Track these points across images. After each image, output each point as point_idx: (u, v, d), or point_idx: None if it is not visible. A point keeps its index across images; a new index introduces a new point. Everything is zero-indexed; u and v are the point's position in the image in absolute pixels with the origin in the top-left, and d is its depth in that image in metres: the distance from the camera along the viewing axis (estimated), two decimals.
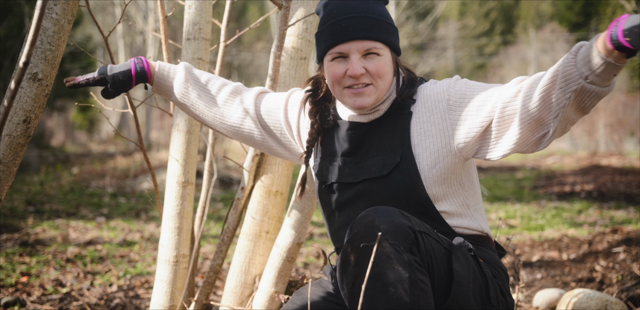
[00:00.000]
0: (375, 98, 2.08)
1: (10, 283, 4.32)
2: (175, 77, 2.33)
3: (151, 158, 15.56)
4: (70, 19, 1.96)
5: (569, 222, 7.23)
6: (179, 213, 2.86)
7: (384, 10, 2.10)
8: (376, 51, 2.05)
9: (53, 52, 1.92)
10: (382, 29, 2.05)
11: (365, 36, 2.03)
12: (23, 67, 1.45)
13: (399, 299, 1.76)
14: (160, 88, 2.35)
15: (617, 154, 18.88)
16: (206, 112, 2.35)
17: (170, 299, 2.86)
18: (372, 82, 2.06)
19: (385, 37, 2.06)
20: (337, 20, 2.05)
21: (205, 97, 2.34)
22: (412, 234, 1.82)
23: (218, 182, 11.07)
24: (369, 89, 2.07)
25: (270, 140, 2.36)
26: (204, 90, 2.34)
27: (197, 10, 2.87)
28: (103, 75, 2.22)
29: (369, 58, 2.05)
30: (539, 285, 4.28)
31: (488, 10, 50.21)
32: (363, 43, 2.03)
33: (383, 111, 2.13)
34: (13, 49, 16.12)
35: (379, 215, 1.84)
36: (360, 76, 2.05)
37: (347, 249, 1.86)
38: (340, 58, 2.07)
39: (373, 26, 2.04)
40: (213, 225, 7.15)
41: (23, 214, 7.88)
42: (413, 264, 1.79)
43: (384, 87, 2.08)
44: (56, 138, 27.24)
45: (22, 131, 1.91)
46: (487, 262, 2.09)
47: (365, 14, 2.04)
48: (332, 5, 2.10)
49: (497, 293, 2.03)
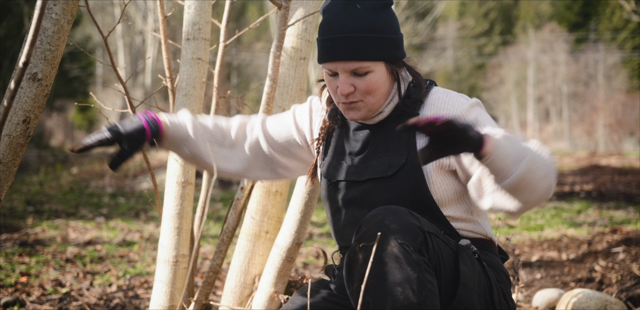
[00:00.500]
0: (367, 111, 2.08)
1: (9, 283, 4.32)
2: (187, 126, 2.25)
3: (150, 158, 15.54)
4: (69, 19, 1.96)
5: (569, 222, 7.23)
6: (178, 213, 2.86)
7: (380, 20, 2.04)
8: (365, 70, 2.02)
9: (53, 52, 1.92)
10: (371, 47, 2.01)
11: (347, 58, 2.00)
12: (23, 67, 1.44)
13: (407, 299, 1.76)
14: (174, 139, 2.23)
15: (617, 154, 18.90)
16: (221, 153, 2.30)
17: (169, 299, 2.85)
18: (363, 99, 2.05)
19: (374, 54, 2.02)
20: (324, 38, 2.04)
21: (218, 139, 2.30)
22: (422, 234, 1.82)
23: (217, 182, 11.07)
24: (359, 104, 2.06)
25: (284, 160, 2.35)
26: (214, 134, 2.29)
27: (196, 10, 2.87)
28: (116, 133, 2.07)
29: (359, 76, 2.03)
30: (538, 285, 4.28)
31: (487, 10, 50.24)
32: (348, 64, 2.01)
33: (387, 113, 2.12)
34: (12, 49, 16.13)
35: (389, 215, 1.84)
36: (349, 94, 2.04)
37: (355, 247, 1.85)
38: (332, 74, 2.06)
39: (359, 47, 2.00)
40: (212, 225, 7.15)
41: (22, 214, 7.88)
42: (422, 265, 1.79)
43: (374, 101, 2.06)
44: (55, 138, 27.25)
45: (22, 131, 1.91)
46: (491, 266, 2.09)
47: (351, 33, 2.00)
48: (325, 17, 2.07)
49: (500, 297, 2.03)
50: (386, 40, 2.03)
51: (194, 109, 2.85)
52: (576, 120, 35.08)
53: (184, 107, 2.83)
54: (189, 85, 2.84)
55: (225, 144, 2.31)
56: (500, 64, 44.76)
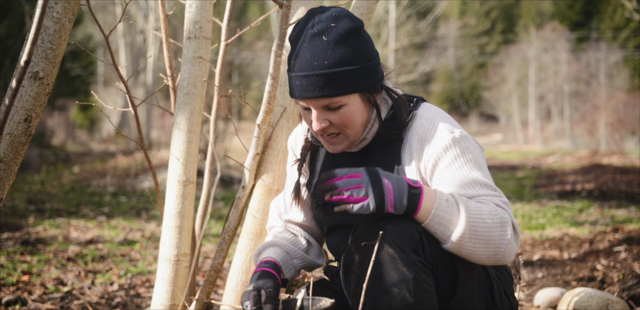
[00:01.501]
0: (348, 143, 2.05)
1: (11, 282, 4.32)
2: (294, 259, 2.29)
3: (152, 157, 15.55)
4: (71, 18, 1.96)
5: (570, 221, 7.23)
6: (180, 212, 2.86)
7: (349, 51, 1.93)
8: (338, 104, 1.96)
9: (54, 51, 1.92)
10: (341, 82, 1.93)
11: (318, 95, 1.94)
12: (24, 66, 1.44)
13: (403, 299, 1.76)
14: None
15: (618, 153, 18.88)
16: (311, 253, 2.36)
17: (171, 298, 2.85)
18: (341, 132, 2.02)
19: (345, 89, 1.94)
20: (292, 75, 1.97)
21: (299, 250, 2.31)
22: (418, 234, 1.82)
23: (219, 181, 11.07)
24: (339, 137, 2.03)
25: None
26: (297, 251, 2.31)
27: (197, 9, 2.87)
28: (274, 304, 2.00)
29: (332, 110, 1.98)
30: (540, 284, 4.28)
31: (489, 9, 50.24)
32: (319, 101, 1.95)
33: (370, 139, 2.09)
34: (14, 48, 16.14)
35: (385, 216, 1.84)
36: (325, 128, 2.00)
37: (352, 248, 1.85)
38: (306, 108, 2.02)
39: (328, 84, 1.92)
40: (214, 224, 7.15)
41: (24, 212, 7.89)
42: (418, 265, 1.79)
43: (354, 132, 2.02)
44: (57, 137, 27.25)
45: (23, 130, 1.91)
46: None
47: (318, 70, 1.91)
48: (293, 48, 1.99)
49: (501, 294, 2.03)
50: (357, 72, 1.95)
51: (195, 107, 2.85)
52: (577, 119, 35.07)
53: (185, 105, 2.83)
54: (191, 84, 2.84)
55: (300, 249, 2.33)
56: (501, 62, 44.76)
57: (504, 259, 1.86)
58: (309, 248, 2.32)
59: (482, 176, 1.92)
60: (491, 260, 1.85)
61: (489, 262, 1.85)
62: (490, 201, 1.87)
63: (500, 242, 1.82)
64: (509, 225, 1.83)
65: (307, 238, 2.34)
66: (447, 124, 2.00)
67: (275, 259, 2.19)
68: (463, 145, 1.97)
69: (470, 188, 1.89)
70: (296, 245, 2.29)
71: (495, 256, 1.84)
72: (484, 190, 1.89)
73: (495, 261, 1.85)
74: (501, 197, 1.89)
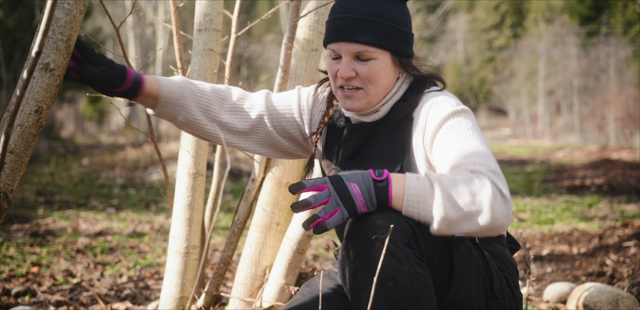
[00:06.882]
0: (366, 102, 2.03)
1: (21, 273, 4.34)
2: (181, 88, 2.16)
3: (161, 150, 15.55)
4: (82, 9, 1.95)
5: (579, 216, 7.21)
6: (189, 204, 2.86)
7: (394, 11, 1.99)
8: (369, 56, 1.98)
9: (65, 42, 1.92)
10: (379, 33, 1.96)
11: (354, 39, 1.95)
12: (35, 57, 1.44)
13: (399, 293, 1.76)
14: (167, 102, 2.13)
15: (628, 148, 18.80)
16: (219, 117, 2.21)
17: (180, 290, 2.86)
18: (363, 87, 2.01)
19: (382, 41, 1.97)
20: (334, 17, 2.00)
21: (216, 103, 2.21)
22: (410, 228, 1.81)
23: (228, 173, 11.08)
24: (359, 93, 2.02)
25: (282, 139, 2.28)
26: (211, 97, 2.21)
27: (208, 2, 2.86)
28: (99, 55, 2.01)
29: (362, 61, 1.99)
30: (549, 279, 4.27)
31: (498, 3, 50.00)
32: (353, 46, 1.96)
33: (383, 112, 2.08)
34: (24, 40, 16.19)
35: (376, 210, 1.83)
36: (349, 79, 2.00)
37: (347, 244, 1.85)
38: (336, 57, 2.02)
39: (367, 29, 1.95)
40: (223, 216, 7.16)
41: (33, 204, 7.92)
42: (411, 258, 1.78)
43: (375, 92, 2.02)
44: (66, 129, 27.34)
45: (34, 121, 1.91)
46: (494, 255, 2.07)
47: (362, 15, 1.96)
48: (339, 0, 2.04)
49: (503, 286, 2.00)
50: (397, 31, 1.99)
51: None
52: (587, 114, 34.91)
53: None
54: (201, 76, 2.83)
55: (225, 107, 2.22)
56: (510, 57, 44.62)
57: (496, 224, 1.77)
58: (225, 105, 2.23)
59: (476, 145, 1.88)
60: (484, 229, 1.77)
61: (483, 231, 1.78)
62: (476, 170, 1.80)
63: (481, 205, 1.75)
64: (486, 188, 1.76)
65: (243, 109, 2.23)
66: (453, 101, 2.00)
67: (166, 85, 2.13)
68: (464, 118, 1.95)
69: (465, 157, 1.85)
70: (217, 93, 2.22)
71: (485, 223, 1.76)
72: (474, 158, 1.84)
73: (489, 229, 1.78)
74: (488, 165, 1.82)
